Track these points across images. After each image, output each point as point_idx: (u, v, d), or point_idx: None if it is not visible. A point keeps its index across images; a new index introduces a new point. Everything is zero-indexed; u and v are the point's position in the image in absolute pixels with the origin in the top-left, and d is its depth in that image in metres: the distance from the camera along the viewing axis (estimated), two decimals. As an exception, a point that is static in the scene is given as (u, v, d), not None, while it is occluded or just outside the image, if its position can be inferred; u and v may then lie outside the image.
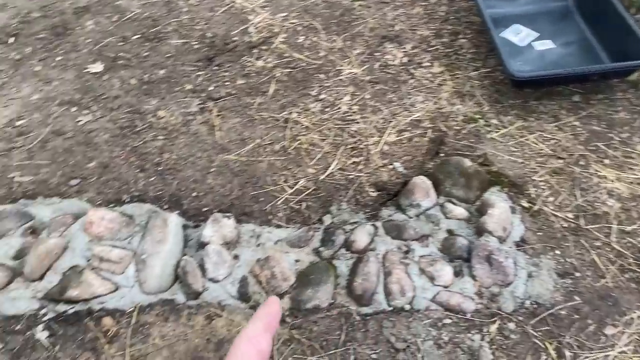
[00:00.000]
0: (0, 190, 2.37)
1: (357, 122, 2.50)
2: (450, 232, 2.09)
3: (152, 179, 2.37)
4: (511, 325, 1.83)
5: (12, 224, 2.20)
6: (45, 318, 1.95)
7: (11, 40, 3.19)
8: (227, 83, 2.77)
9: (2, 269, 2.07)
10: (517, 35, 2.77)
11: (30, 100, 2.78)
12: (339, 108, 2.57)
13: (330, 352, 1.80)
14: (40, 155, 2.50)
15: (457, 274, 1.97)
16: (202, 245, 2.09)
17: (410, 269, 1.98)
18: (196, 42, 3.01)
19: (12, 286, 2.05)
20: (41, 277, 2.04)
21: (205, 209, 2.27)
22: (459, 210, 2.12)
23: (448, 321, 1.85)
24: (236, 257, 2.11)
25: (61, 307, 1.97)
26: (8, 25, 3.28)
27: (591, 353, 1.76)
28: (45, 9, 3.37)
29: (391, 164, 2.32)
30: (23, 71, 2.97)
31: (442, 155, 2.33)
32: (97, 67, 2.93)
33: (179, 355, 1.81)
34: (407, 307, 1.90)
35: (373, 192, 2.24)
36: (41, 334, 1.92)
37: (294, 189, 2.29)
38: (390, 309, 1.90)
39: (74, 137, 2.56)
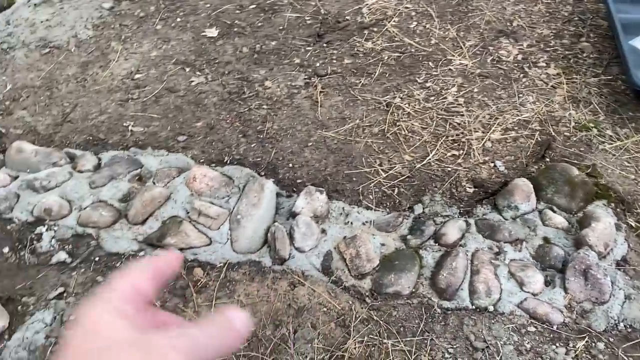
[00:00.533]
0: (115, 136, 2.54)
1: (462, 115, 2.45)
2: (546, 239, 2.01)
3: (252, 145, 2.45)
4: (600, 345, 1.74)
5: (122, 169, 2.37)
6: (143, 260, 2.09)
7: (138, -2, 3.39)
8: (334, 61, 2.80)
9: (110, 209, 2.23)
10: (648, 44, 2.58)
11: (149, 56, 2.95)
12: (445, 98, 2.53)
13: (407, 338, 1.80)
14: (153, 109, 2.65)
15: (548, 283, 1.90)
16: (293, 215, 2.15)
17: (499, 270, 1.93)
18: (309, 18, 3.06)
19: (117, 226, 2.21)
20: (143, 222, 2.19)
21: (299, 180, 2.32)
22: (559, 219, 2.03)
23: (532, 329, 1.80)
24: (324, 231, 2.15)
25: (158, 252, 2.11)
26: (137, -16, 3.48)
27: (686, 390, 1.65)
28: (171, -28, 3.55)
29: (492, 162, 2.26)
30: (145, 28, 3.15)
31: (547, 160, 2.24)
32: (213, 32, 3.06)
33: (261, 316, 1.89)
34: (491, 308, 1.86)
35: (470, 187, 2.19)
36: (138, 274, 2.05)
37: (388, 174, 2.29)
38: (473, 307, 1.87)
39: (185, 96, 2.69)
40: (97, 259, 2.12)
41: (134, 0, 3.36)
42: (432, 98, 2.54)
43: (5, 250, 2.16)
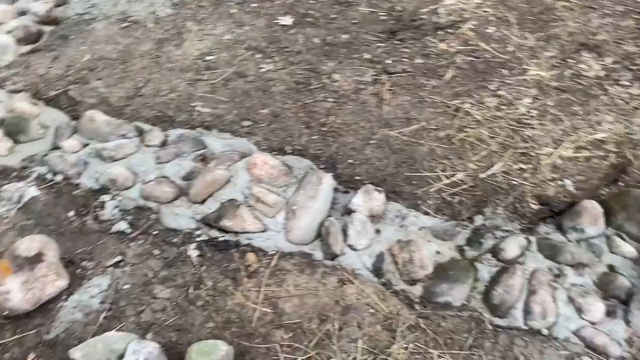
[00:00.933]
0: (183, 115, 2.60)
1: (533, 128, 2.36)
2: (611, 267, 1.92)
3: (314, 137, 2.45)
4: (660, 387, 1.65)
5: (187, 148, 2.42)
6: (199, 239, 2.14)
7: (216, -20, 3.44)
8: (405, 59, 2.76)
9: (172, 186, 2.29)
10: None
11: (222, 39, 2.99)
12: (517, 109, 2.44)
13: (454, 351, 1.77)
14: (221, 92, 2.69)
15: (609, 313, 1.82)
16: (348, 211, 2.14)
17: (557, 293, 1.86)
18: (384, 13, 3.02)
19: (177, 203, 2.26)
20: (202, 202, 2.23)
21: (358, 178, 2.30)
22: (628, 248, 1.94)
23: (587, 359, 1.72)
24: (378, 231, 2.13)
25: (214, 233, 2.14)
26: (216, -33, 3.53)
27: None
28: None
29: (561, 180, 2.17)
30: (221, 11, 3.20)
31: (621, 184, 2.13)
32: (287, 20, 3.07)
33: (307, 308, 1.89)
34: (545, 331, 1.80)
35: (535, 204, 2.12)
36: (192, 252, 2.10)
37: (450, 180, 2.23)
38: (526, 328, 1.81)
39: (254, 82, 2.72)
40: (155, 232, 2.18)
41: (212, -17, 3.41)
42: (504, 107, 2.46)
43: (71, 214, 2.25)
